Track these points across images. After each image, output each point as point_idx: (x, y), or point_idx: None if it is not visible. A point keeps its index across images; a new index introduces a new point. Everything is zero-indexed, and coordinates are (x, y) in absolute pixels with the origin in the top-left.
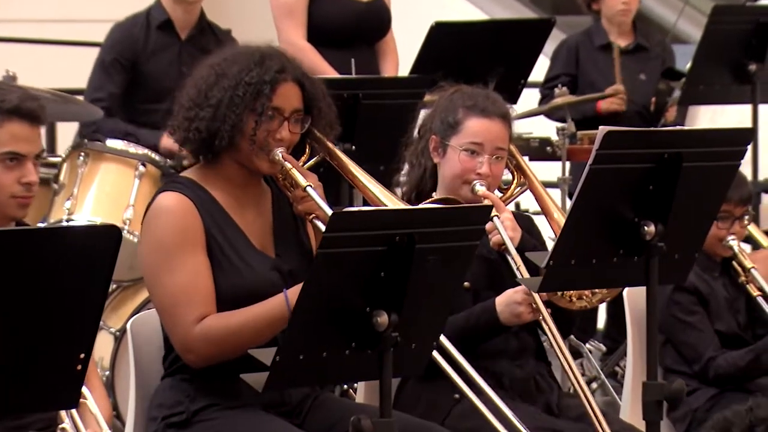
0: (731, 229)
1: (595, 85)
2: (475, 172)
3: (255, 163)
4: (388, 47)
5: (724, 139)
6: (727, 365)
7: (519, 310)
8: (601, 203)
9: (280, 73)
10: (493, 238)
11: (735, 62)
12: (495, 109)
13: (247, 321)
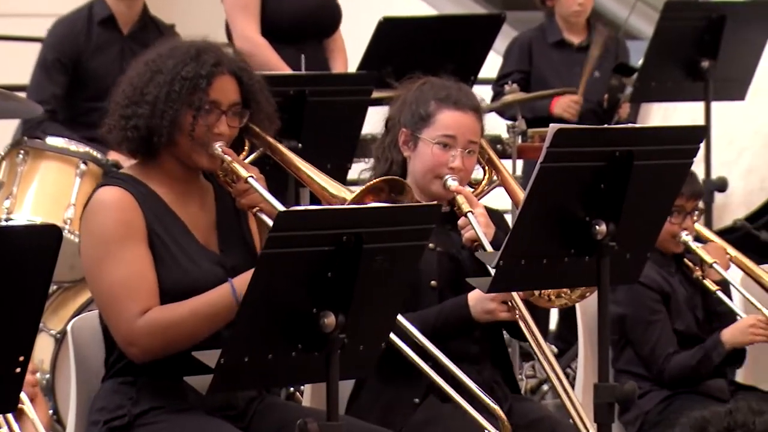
0: (683, 224)
1: (548, 83)
2: (447, 166)
3: (194, 159)
4: (336, 44)
5: (677, 137)
6: (678, 366)
7: (490, 306)
8: (552, 202)
9: (216, 67)
10: (466, 234)
11: (687, 59)
12: (468, 101)
13: (192, 312)
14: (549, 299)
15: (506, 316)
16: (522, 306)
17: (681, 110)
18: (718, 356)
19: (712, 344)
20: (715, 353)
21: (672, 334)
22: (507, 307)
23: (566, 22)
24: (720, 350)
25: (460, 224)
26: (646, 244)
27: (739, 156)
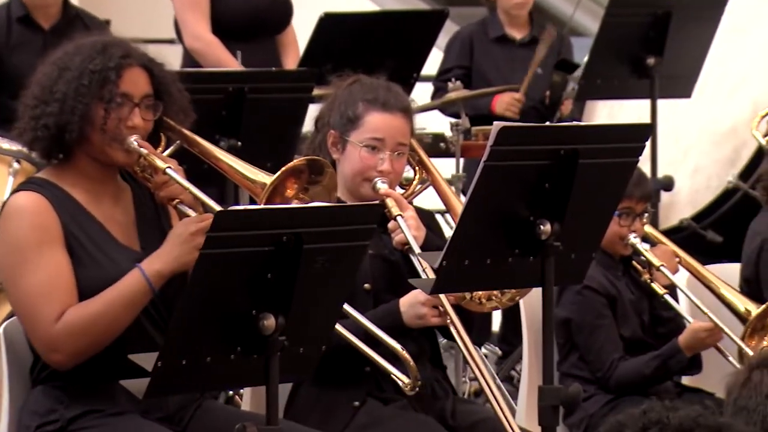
0: (632, 227)
1: (489, 79)
2: (376, 169)
3: (109, 155)
4: (288, 40)
5: (622, 135)
6: (630, 374)
7: (422, 311)
8: (496, 201)
9: (124, 59)
10: (396, 238)
11: (633, 56)
12: (396, 102)
13: (106, 303)
14: (480, 303)
15: (437, 321)
16: (451, 311)
17: (627, 108)
18: (678, 364)
19: (670, 352)
20: (674, 361)
21: (618, 339)
22: (438, 312)
23: (508, 16)
24: (680, 357)
25: (390, 227)
26: (591, 244)
27: (686, 155)
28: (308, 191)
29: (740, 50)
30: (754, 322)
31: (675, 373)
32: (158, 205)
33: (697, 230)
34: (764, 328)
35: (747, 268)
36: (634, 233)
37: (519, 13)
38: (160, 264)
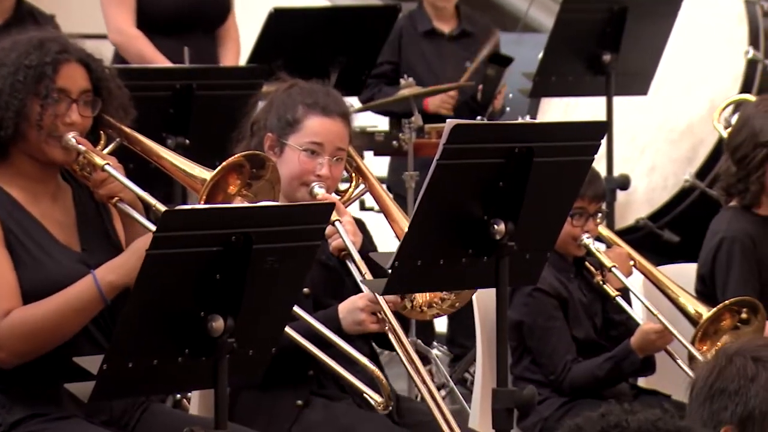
0: (585, 227)
1: (419, 73)
2: (314, 174)
3: (47, 152)
4: (228, 34)
5: (577, 133)
6: (583, 377)
7: (360, 317)
8: (449, 200)
9: (61, 54)
10: (333, 243)
11: (589, 52)
12: (336, 107)
13: (56, 307)
14: (421, 310)
15: (375, 328)
16: (392, 317)
17: (582, 105)
18: (631, 366)
19: (622, 354)
20: (627, 363)
21: (570, 341)
22: (376, 319)
23: (435, 9)
24: (633, 359)
25: (328, 233)
26: (546, 244)
27: (642, 153)
28: (251, 186)
29: (697, 47)
30: (705, 326)
31: (628, 375)
32: (99, 204)
33: (653, 230)
34: (717, 333)
35: (703, 266)
36: (587, 233)
37: (445, 6)
38: (115, 276)
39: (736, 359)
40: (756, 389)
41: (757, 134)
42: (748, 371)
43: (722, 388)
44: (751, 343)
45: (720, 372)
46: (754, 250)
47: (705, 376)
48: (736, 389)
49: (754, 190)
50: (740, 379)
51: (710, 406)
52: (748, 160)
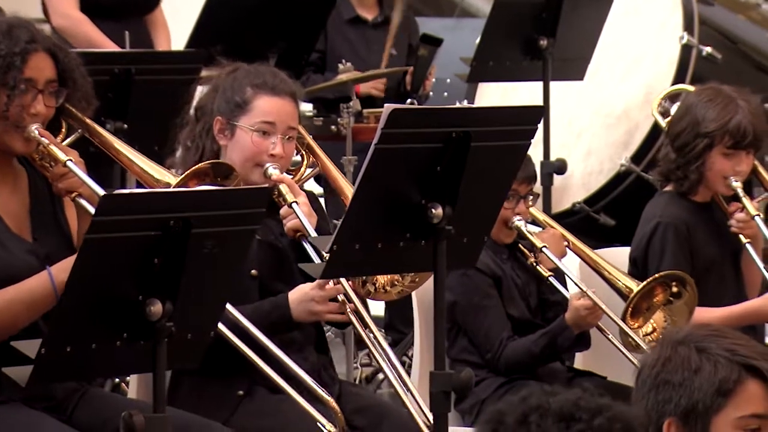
0: (517, 209)
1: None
2: (267, 154)
3: (7, 143)
4: (158, 20)
5: (514, 118)
6: (519, 354)
7: (316, 308)
8: (387, 185)
9: (30, 44)
10: (289, 224)
11: (526, 37)
12: (284, 87)
13: (8, 301)
14: (385, 290)
15: (334, 317)
16: (356, 299)
17: (520, 90)
18: (566, 341)
19: (557, 329)
20: (562, 338)
21: (506, 319)
22: (335, 307)
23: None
24: (568, 334)
25: (283, 213)
26: (483, 228)
27: (579, 137)
28: None
29: (633, 33)
30: (636, 301)
31: (564, 351)
32: (54, 194)
33: (589, 213)
34: (650, 309)
35: (636, 249)
36: (518, 216)
37: None
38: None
39: (680, 349)
40: (700, 382)
41: (699, 124)
42: (692, 363)
43: (667, 379)
44: (697, 332)
45: (665, 362)
46: (688, 236)
47: (650, 365)
48: (681, 381)
49: (693, 178)
50: (684, 371)
51: (655, 396)
52: (689, 149)
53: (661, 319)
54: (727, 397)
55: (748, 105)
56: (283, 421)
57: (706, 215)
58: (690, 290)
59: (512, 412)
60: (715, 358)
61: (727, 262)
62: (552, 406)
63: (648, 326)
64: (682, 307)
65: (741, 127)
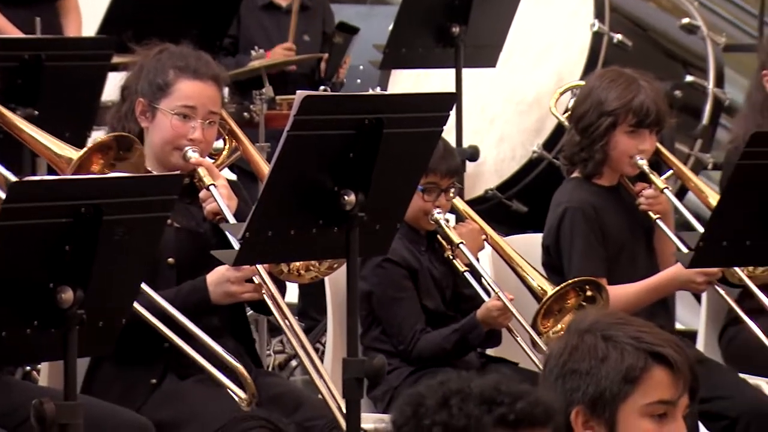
0: (437, 202)
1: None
2: (187, 138)
3: None
4: (69, 5)
5: (427, 105)
6: (431, 347)
7: (231, 289)
8: (300, 172)
9: None
10: (208, 207)
11: (438, 24)
12: (208, 70)
13: None
14: (299, 274)
15: (250, 297)
16: (270, 282)
17: (432, 77)
18: (477, 338)
19: (468, 326)
20: (473, 336)
21: (420, 311)
22: (251, 287)
23: None
24: (478, 332)
25: (202, 197)
26: (396, 215)
27: (491, 124)
28: (115, 167)
29: (544, 20)
30: (549, 303)
31: (474, 347)
32: None
33: (502, 200)
34: (562, 311)
35: (548, 237)
36: (438, 209)
37: None
38: None
39: (587, 337)
40: (607, 370)
41: (602, 104)
42: (599, 351)
43: (574, 368)
44: (603, 320)
45: (572, 351)
46: (597, 219)
47: (557, 354)
48: (588, 369)
49: (597, 159)
50: (591, 359)
51: (562, 384)
52: (593, 129)
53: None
54: (634, 384)
55: (649, 85)
56: (195, 407)
57: (613, 198)
58: (604, 296)
59: (432, 394)
60: (622, 346)
61: (638, 243)
62: (473, 390)
63: (558, 326)
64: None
65: (644, 106)
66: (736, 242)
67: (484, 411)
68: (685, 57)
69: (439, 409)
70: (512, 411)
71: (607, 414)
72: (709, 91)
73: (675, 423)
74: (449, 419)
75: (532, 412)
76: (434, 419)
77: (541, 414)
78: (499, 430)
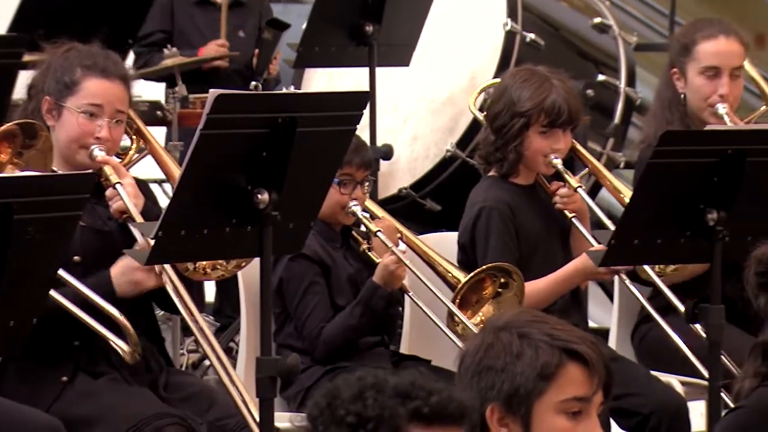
0: (353, 194)
1: (192, 43)
2: (93, 136)
3: None
4: None
5: (340, 103)
6: (337, 329)
7: (137, 277)
8: (213, 170)
9: None
10: (115, 206)
11: (351, 23)
12: (115, 69)
13: None
14: (205, 272)
15: (154, 283)
16: (176, 279)
17: (346, 76)
18: (380, 301)
19: (368, 293)
20: (375, 300)
21: (329, 308)
22: (155, 273)
23: None
24: (380, 294)
25: (108, 195)
26: (309, 213)
27: (404, 123)
28: (23, 155)
29: (458, 19)
30: (463, 292)
31: (380, 313)
32: None
33: (416, 199)
34: (479, 302)
35: (463, 235)
36: (354, 201)
37: None
38: None
39: (502, 335)
40: (521, 367)
41: (515, 104)
42: (513, 348)
43: (489, 365)
44: (518, 318)
45: (487, 348)
46: (512, 218)
47: (473, 352)
48: (503, 366)
49: (512, 158)
50: (506, 356)
51: (478, 382)
52: (507, 129)
53: (490, 312)
54: (548, 381)
55: (562, 84)
56: (109, 405)
57: (529, 197)
58: (517, 279)
59: (348, 388)
60: (536, 343)
61: (554, 241)
62: (389, 384)
63: (476, 318)
64: (511, 299)
65: (556, 106)
66: (647, 240)
67: (399, 403)
68: (597, 56)
69: (354, 400)
70: (427, 404)
71: (522, 411)
72: (621, 90)
73: (589, 420)
74: (363, 410)
75: (446, 407)
76: (348, 409)
77: (455, 410)
78: (413, 424)
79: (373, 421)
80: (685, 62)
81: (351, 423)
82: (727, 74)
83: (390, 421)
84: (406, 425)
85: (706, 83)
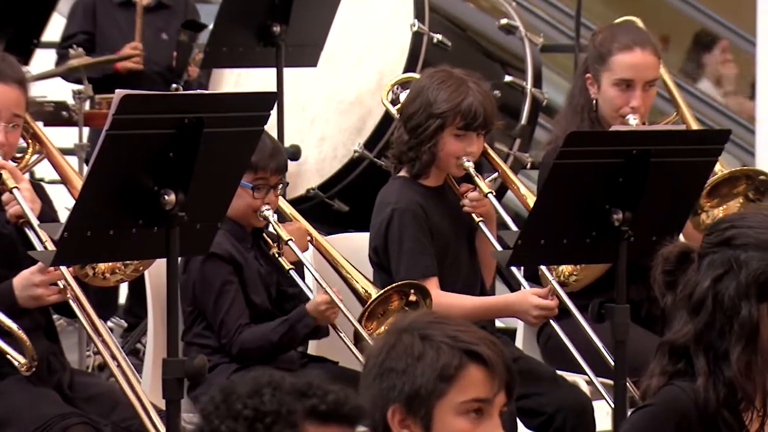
0: (266, 198)
1: (114, 44)
2: None
3: None
4: None
5: (248, 104)
6: (256, 338)
7: (37, 292)
8: (119, 171)
9: None
10: (11, 210)
11: (259, 24)
12: (11, 73)
13: None
14: (104, 277)
15: (56, 299)
16: (75, 285)
17: (253, 76)
18: (305, 328)
19: (297, 317)
20: (300, 326)
21: (244, 306)
22: (57, 290)
23: None
24: (307, 321)
25: (5, 200)
26: (216, 214)
27: (312, 124)
28: None
29: (365, 20)
30: (373, 306)
31: (301, 338)
32: None
33: (324, 199)
34: (385, 314)
35: (376, 238)
36: (267, 206)
37: None
38: None
39: (404, 337)
40: (422, 368)
41: (431, 105)
42: (415, 350)
43: (391, 366)
44: (420, 320)
45: (389, 350)
46: (426, 219)
47: (376, 354)
48: (404, 368)
49: (425, 159)
50: (407, 358)
51: (380, 384)
52: (421, 130)
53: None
54: (449, 383)
55: (478, 87)
56: (15, 406)
57: (438, 198)
58: (428, 303)
59: (244, 385)
60: (438, 345)
61: (461, 244)
62: (285, 382)
63: (382, 329)
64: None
65: (472, 109)
66: (552, 241)
67: (296, 399)
68: (504, 57)
69: (251, 395)
70: (324, 402)
71: (422, 412)
72: (528, 91)
73: (491, 421)
74: (261, 405)
75: (343, 406)
76: (246, 403)
77: (351, 411)
78: (309, 421)
79: (271, 415)
80: (600, 70)
81: (248, 417)
82: (640, 87)
83: (287, 417)
84: (303, 422)
85: (619, 95)
